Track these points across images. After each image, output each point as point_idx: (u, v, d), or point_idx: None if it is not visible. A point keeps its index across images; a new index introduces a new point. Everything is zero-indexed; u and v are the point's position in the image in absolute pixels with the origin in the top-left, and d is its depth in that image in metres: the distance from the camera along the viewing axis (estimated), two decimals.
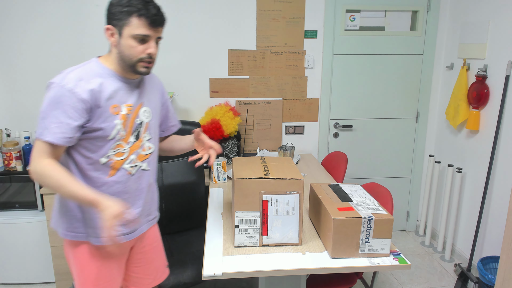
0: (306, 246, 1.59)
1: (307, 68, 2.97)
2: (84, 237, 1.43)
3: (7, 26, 2.61)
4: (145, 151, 1.48)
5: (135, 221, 1.49)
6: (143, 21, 1.28)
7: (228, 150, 2.74)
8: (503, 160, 2.46)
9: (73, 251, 1.45)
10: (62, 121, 1.25)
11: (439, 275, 2.72)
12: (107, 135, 1.35)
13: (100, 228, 1.40)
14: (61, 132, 1.26)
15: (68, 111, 1.26)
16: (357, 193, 1.72)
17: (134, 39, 1.30)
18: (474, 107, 2.65)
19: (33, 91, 2.72)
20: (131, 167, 1.44)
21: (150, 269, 1.66)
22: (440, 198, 3.11)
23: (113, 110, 1.35)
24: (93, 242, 1.43)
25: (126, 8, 1.27)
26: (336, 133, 3.12)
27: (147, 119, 1.47)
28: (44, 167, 1.25)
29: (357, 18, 2.94)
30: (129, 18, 1.27)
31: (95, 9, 2.66)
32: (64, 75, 1.29)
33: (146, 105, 1.47)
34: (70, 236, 1.43)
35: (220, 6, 2.78)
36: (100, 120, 1.32)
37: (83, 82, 1.29)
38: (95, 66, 1.36)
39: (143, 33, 1.29)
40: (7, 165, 2.47)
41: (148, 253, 1.63)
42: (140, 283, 1.65)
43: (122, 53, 1.33)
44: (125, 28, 1.29)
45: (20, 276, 2.54)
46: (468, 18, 2.75)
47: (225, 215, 1.89)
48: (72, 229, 1.42)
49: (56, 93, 1.26)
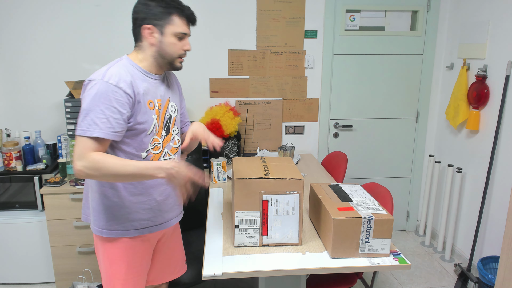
0: (306, 246, 1.59)
1: (307, 68, 2.97)
2: (120, 234, 1.47)
3: (7, 26, 2.61)
4: (175, 144, 1.56)
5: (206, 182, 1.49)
6: (183, 20, 1.39)
7: (228, 150, 2.74)
8: (503, 160, 2.46)
9: (104, 246, 1.49)
10: (109, 115, 1.28)
11: (439, 275, 2.72)
12: (147, 129, 1.40)
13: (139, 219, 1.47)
14: (108, 127, 1.28)
15: (114, 105, 1.29)
16: (357, 193, 1.72)
17: (175, 37, 1.39)
18: (474, 107, 2.65)
19: (33, 91, 2.72)
20: (165, 160, 1.50)
21: (170, 264, 1.72)
22: (440, 198, 3.11)
23: (150, 105, 1.41)
24: (131, 235, 1.48)
25: (167, 8, 1.35)
26: (336, 133, 3.12)
27: (174, 114, 1.54)
28: (96, 157, 1.26)
29: (357, 18, 2.94)
30: (171, 17, 1.36)
31: (95, 9, 2.66)
32: (103, 71, 1.32)
33: (172, 100, 1.54)
34: (106, 234, 1.47)
35: (220, 6, 2.78)
36: (141, 115, 1.38)
37: (123, 78, 1.33)
38: (128, 63, 1.40)
39: (183, 31, 1.39)
40: (7, 165, 2.47)
41: (170, 248, 1.69)
42: (160, 277, 1.71)
43: (163, 51, 1.40)
44: (167, 27, 1.37)
45: (20, 276, 2.54)
46: (468, 18, 2.75)
47: (225, 215, 1.89)
48: (108, 227, 1.46)
49: (99, 89, 1.28)
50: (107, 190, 1.44)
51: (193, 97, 2.90)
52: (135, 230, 1.48)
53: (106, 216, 1.45)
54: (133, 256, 1.51)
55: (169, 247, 1.70)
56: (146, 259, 1.57)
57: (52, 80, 2.72)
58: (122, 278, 1.50)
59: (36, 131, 2.64)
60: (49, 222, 2.38)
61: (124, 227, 1.47)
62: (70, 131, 2.44)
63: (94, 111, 1.27)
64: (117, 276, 1.50)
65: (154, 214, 1.51)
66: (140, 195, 1.47)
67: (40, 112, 2.76)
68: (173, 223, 1.62)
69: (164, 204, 1.54)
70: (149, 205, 1.49)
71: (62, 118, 2.77)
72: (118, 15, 2.69)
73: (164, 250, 1.68)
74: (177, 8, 1.37)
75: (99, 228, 1.47)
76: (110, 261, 1.50)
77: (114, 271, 1.50)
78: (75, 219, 2.39)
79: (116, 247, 1.48)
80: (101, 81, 1.29)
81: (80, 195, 2.36)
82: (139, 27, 1.38)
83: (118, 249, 1.48)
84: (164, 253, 1.68)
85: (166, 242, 1.67)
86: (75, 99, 2.42)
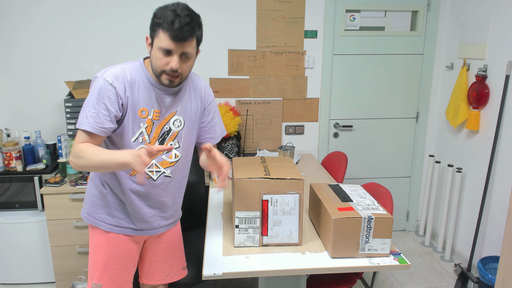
0: (306, 246, 1.59)
1: (307, 68, 2.97)
2: (95, 223, 1.54)
3: (7, 26, 2.61)
4: (171, 159, 1.52)
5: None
6: (167, 34, 1.28)
7: (228, 150, 2.74)
8: (503, 160, 2.46)
9: (92, 233, 1.57)
10: (99, 111, 1.33)
11: (439, 275, 2.72)
12: (130, 135, 1.41)
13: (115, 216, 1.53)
14: (97, 121, 1.33)
15: (105, 102, 1.33)
16: (357, 193, 1.72)
17: (160, 51, 1.31)
18: (474, 107, 2.65)
19: (33, 91, 2.72)
20: (151, 171, 1.49)
21: (163, 266, 1.71)
22: (440, 198, 3.11)
23: (141, 114, 1.41)
24: (103, 228, 1.53)
25: (158, 20, 1.30)
26: (336, 133, 3.12)
27: (177, 128, 1.50)
28: (80, 147, 1.32)
29: (357, 18, 2.94)
30: (158, 30, 1.29)
31: (95, 9, 2.66)
32: (106, 69, 1.38)
33: (179, 114, 1.49)
34: (90, 221, 1.55)
35: (220, 6, 2.78)
36: (128, 120, 1.39)
37: (121, 79, 1.36)
38: (138, 67, 1.42)
39: (166, 47, 1.30)
40: (7, 165, 2.47)
41: (163, 251, 1.69)
42: (152, 278, 1.72)
43: (152, 63, 1.38)
44: (155, 40, 1.32)
45: (20, 276, 2.54)
46: (468, 18, 2.75)
47: (225, 215, 1.89)
48: (91, 214, 1.55)
49: (97, 86, 1.35)
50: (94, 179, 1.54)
51: None
52: (110, 225, 1.53)
53: (92, 203, 1.54)
54: (113, 247, 1.55)
55: (162, 250, 1.68)
56: (130, 254, 1.58)
57: (52, 80, 2.72)
58: (100, 267, 1.54)
59: (36, 131, 2.64)
60: (49, 222, 2.38)
61: (101, 219, 1.53)
62: (70, 131, 2.43)
63: (89, 106, 1.34)
64: (97, 264, 1.55)
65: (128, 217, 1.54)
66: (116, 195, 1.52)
67: (40, 112, 2.76)
68: (151, 233, 1.61)
69: (139, 212, 1.52)
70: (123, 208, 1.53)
71: (62, 118, 2.77)
72: (118, 15, 2.69)
73: (154, 251, 1.67)
74: (166, 23, 1.27)
75: (85, 214, 1.57)
76: (93, 248, 1.57)
77: (95, 259, 1.56)
78: (75, 219, 2.39)
79: (98, 235, 1.55)
80: (100, 78, 1.36)
81: (80, 195, 2.35)
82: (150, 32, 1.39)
83: (100, 237, 1.54)
84: (155, 254, 1.67)
85: (159, 244, 1.66)
86: (75, 99, 2.42)
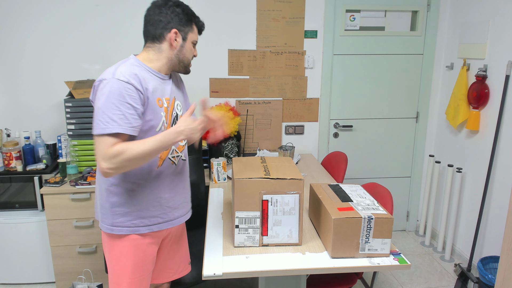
0: (306, 246, 1.59)
1: (307, 68, 2.97)
2: (130, 231, 1.48)
3: (7, 26, 2.61)
4: (182, 142, 1.59)
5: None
6: (197, 29, 1.52)
7: (228, 150, 2.74)
8: (503, 160, 2.46)
9: (112, 243, 1.50)
10: (125, 111, 1.31)
11: (439, 275, 2.72)
12: (155, 126, 1.43)
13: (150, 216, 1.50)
14: (126, 122, 1.31)
15: (128, 101, 1.32)
16: (357, 193, 1.72)
17: (192, 44, 1.51)
18: (474, 107, 2.65)
19: (33, 91, 2.72)
20: (174, 157, 1.54)
21: (172, 263, 1.73)
22: (440, 198, 3.11)
23: (158, 103, 1.44)
24: (142, 231, 1.49)
25: (191, 17, 1.46)
26: (336, 133, 3.12)
27: (180, 112, 1.58)
28: (118, 149, 1.28)
29: (357, 18, 2.94)
30: (192, 25, 1.48)
31: (95, 9, 2.66)
32: (113, 71, 1.35)
33: (178, 99, 1.58)
34: (117, 231, 1.48)
35: (220, 6, 2.78)
36: (150, 112, 1.41)
37: (133, 75, 1.36)
38: (135, 62, 1.43)
39: (196, 39, 1.52)
40: (7, 165, 2.47)
41: (173, 247, 1.70)
42: (161, 276, 1.72)
43: (182, 55, 1.49)
44: (189, 34, 1.48)
45: (20, 276, 2.54)
46: (468, 18, 2.75)
47: (225, 215, 1.89)
48: (118, 224, 1.47)
49: (112, 87, 1.31)
50: (114, 188, 1.45)
51: (193, 97, 2.90)
52: (146, 226, 1.50)
53: (117, 213, 1.46)
54: (140, 254, 1.52)
55: (172, 246, 1.70)
56: (151, 258, 1.58)
57: (52, 80, 2.72)
58: (129, 277, 1.51)
59: (36, 131, 2.64)
60: (49, 222, 2.38)
61: (134, 224, 1.48)
62: (70, 131, 2.44)
63: (110, 108, 1.29)
64: (123, 275, 1.51)
65: (163, 210, 1.53)
66: (150, 192, 1.48)
67: (40, 112, 2.76)
68: (181, 220, 1.63)
69: (172, 201, 1.56)
70: (158, 202, 1.51)
71: (62, 118, 2.77)
72: (118, 15, 2.69)
73: (168, 249, 1.69)
74: (196, 18, 1.50)
75: (109, 226, 1.48)
76: (117, 259, 1.50)
77: (121, 269, 1.51)
78: (75, 219, 2.39)
79: (123, 245, 1.49)
80: (112, 79, 1.32)
81: (80, 195, 2.36)
82: (164, 29, 1.43)
83: (125, 246, 1.49)
84: (168, 252, 1.69)
85: (170, 241, 1.68)
86: (75, 99, 2.42)
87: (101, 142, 1.29)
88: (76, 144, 2.47)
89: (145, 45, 1.48)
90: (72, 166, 2.46)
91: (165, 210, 1.54)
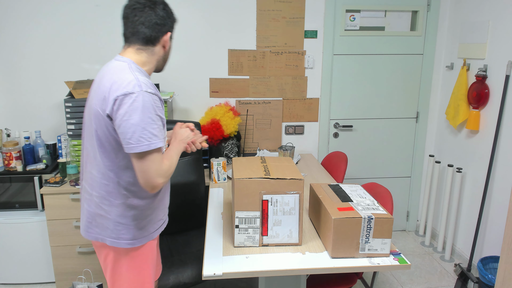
0: (306, 246, 1.59)
1: (307, 68, 2.97)
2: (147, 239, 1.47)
3: (7, 26, 2.61)
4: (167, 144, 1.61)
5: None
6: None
7: (228, 150, 2.74)
8: (503, 160, 2.46)
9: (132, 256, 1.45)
10: (159, 124, 1.31)
11: (439, 275, 2.72)
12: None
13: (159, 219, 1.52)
14: (162, 135, 1.32)
15: (158, 113, 1.31)
16: (357, 193, 1.72)
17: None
18: (474, 107, 2.65)
19: (33, 91, 2.72)
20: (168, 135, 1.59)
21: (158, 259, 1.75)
22: (440, 198, 3.11)
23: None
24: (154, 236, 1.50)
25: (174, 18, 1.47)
26: (336, 133, 3.12)
27: None
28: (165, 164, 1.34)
29: (357, 18, 2.94)
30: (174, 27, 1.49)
31: (95, 9, 2.66)
32: (136, 82, 1.27)
33: None
34: (138, 243, 1.43)
35: (220, 6, 2.78)
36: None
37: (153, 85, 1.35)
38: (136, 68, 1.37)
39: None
40: (7, 165, 2.47)
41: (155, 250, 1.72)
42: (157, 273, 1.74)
43: (168, 55, 1.49)
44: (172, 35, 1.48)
45: (20, 276, 2.54)
46: (468, 18, 2.75)
47: (225, 215, 1.89)
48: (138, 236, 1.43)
49: (145, 100, 1.26)
50: (133, 200, 1.40)
51: (193, 97, 2.90)
52: (156, 230, 1.51)
53: (138, 226, 1.42)
54: (154, 256, 1.54)
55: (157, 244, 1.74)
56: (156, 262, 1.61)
57: (52, 80, 2.72)
58: (151, 282, 1.51)
59: (36, 131, 2.64)
60: (49, 222, 2.38)
61: (149, 231, 1.47)
62: (70, 131, 2.43)
63: (149, 123, 1.26)
64: (147, 281, 1.50)
65: (165, 211, 1.57)
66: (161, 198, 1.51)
67: (40, 112, 2.76)
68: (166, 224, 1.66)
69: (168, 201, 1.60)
70: (164, 205, 1.55)
71: (62, 118, 2.77)
72: (118, 15, 2.69)
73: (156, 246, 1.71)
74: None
75: (129, 240, 1.42)
76: (139, 270, 1.47)
77: (144, 278, 1.48)
78: (75, 219, 2.39)
79: (144, 253, 1.47)
80: (142, 92, 1.26)
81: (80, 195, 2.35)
82: (160, 32, 1.39)
83: (145, 254, 1.48)
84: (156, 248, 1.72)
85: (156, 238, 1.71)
86: (75, 99, 2.42)
87: (152, 160, 1.28)
88: (76, 144, 2.46)
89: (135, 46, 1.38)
90: (72, 166, 2.46)
91: (166, 211, 1.58)
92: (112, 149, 1.33)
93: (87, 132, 1.39)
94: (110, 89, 1.27)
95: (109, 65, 1.38)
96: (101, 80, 1.33)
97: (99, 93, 1.31)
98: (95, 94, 1.34)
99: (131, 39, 1.38)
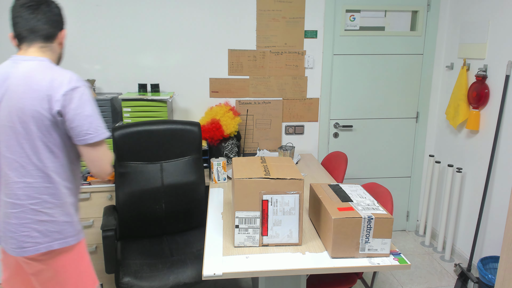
0: (306, 246, 1.59)
1: (307, 68, 2.97)
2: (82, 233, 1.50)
3: (7, 26, 2.61)
4: None
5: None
6: None
7: (228, 150, 2.74)
8: (503, 160, 2.46)
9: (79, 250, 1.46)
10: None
11: (439, 275, 2.72)
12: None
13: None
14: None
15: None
16: (357, 193, 1.72)
17: None
18: (474, 107, 2.65)
19: None
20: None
21: None
22: (440, 198, 3.11)
23: None
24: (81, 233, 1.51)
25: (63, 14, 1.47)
26: (336, 133, 3.13)
27: None
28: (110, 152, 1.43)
29: (357, 18, 2.94)
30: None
31: (95, 9, 2.66)
32: (75, 76, 1.34)
33: None
34: (81, 235, 1.47)
35: (220, 6, 2.78)
36: None
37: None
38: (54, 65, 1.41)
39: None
40: None
41: None
42: None
43: (63, 53, 1.50)
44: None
45: None
46: (468, 18, 2.75)
47: (225, 215, 1.89)
48: (79, 228, 1.47)
49: (89, 93, 1.36)
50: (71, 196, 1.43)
51: (193, 97, 2.90)
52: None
53: (76, 220, 1.46)
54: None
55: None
56: None
57: None
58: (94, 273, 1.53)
59: None
60: None
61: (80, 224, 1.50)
62: None
63: (97, 113, 1.36)
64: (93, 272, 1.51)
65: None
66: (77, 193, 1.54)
67: None
68: None
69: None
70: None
71: None
72: (118, 15, 2.69)
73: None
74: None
75: (74, 236, 1.43)
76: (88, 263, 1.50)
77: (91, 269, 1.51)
78: None
79: (83, 245, 1.48)
80: (84, 86, 1.35)
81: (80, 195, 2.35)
82: (57, 29, 1.41)
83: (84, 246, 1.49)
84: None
85: None
86: None
87: (105, 147, 1.34)
88: None
89: (37, 44, 1.36)
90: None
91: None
92: (57, 148, 1.34)
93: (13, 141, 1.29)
94: (52, 86, 1.27)
95: (17, 66, 1.32)
96: (27, 82, 1.27)
97: (34, 93, 1.26)
98: (24, 95, 1.26)
99: (30, 37, 1.35)
